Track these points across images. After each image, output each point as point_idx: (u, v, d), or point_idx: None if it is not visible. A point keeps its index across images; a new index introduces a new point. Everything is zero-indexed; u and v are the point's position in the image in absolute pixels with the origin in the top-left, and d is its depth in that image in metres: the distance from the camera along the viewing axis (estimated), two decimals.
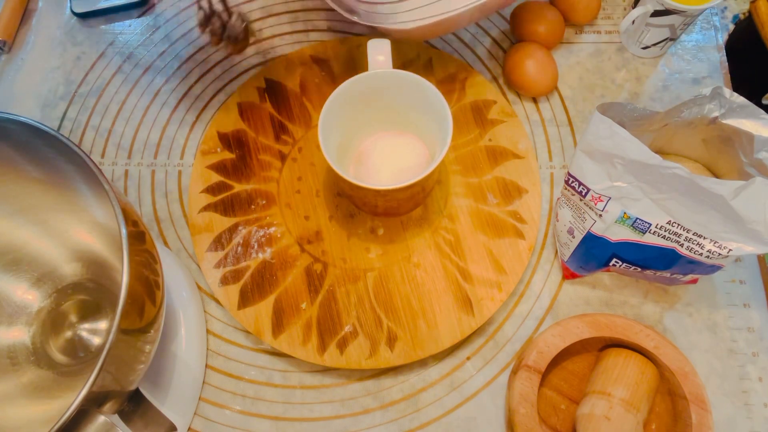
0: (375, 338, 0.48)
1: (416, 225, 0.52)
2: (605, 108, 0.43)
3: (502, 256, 0.50)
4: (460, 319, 0.48)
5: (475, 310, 0.49)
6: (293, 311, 0.49)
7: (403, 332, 0.48)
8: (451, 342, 0.48)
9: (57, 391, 0.45)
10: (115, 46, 0.63)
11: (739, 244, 0.40)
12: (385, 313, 0.49)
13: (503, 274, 0.50)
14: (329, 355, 0.48)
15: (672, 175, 0.39)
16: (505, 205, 0.52)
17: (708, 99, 0.44)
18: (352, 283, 0.50)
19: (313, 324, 0.49)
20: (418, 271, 0.50)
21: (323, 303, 0.49)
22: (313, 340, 0.48)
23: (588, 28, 0.62)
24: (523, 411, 0.44)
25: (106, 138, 0.59)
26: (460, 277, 0.50)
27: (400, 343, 0.48)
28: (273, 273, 0.50)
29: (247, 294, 0.50)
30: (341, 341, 0.48)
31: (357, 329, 0.48)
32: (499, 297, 0.49)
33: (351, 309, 0.49)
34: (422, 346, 0.48)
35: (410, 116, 0.50)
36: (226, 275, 0.50)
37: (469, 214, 0.52)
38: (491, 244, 0.51)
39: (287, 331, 0.48)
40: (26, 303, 0.48)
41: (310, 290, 0.50)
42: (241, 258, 0.51)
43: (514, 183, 0.53)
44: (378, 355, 0.48)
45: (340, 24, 0.62)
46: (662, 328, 0.50)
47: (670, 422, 0.46)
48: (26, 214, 0.47)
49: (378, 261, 0.51)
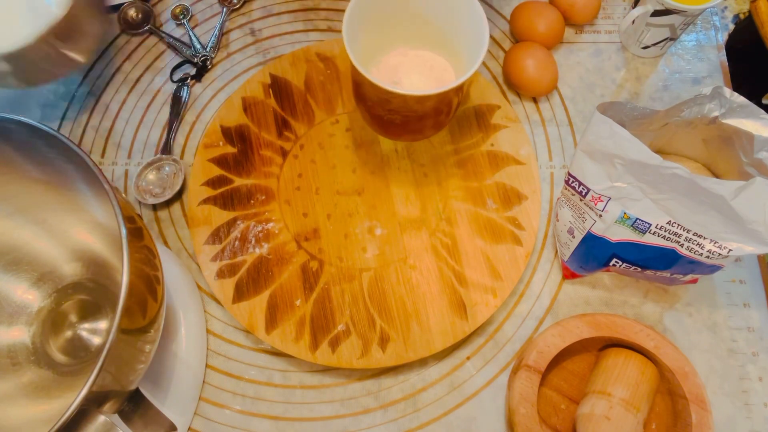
0: (367, 338, 0.48)
1: (414, 227, 0.52)
2: (605, 107, 0.43)
3: (499, 261, 0.50)
4: (454, 323, 0.48)
5: (469, 314, 0.48)
6: (287, 307, 0.49)
7: (396, 333, 0.48)
8: (443, 345, 0.48)
9: (57, 391, 0.45)
10: (115, 46, 0.63)
11: (739, 244, 0.40)
12: (379, 313, 0.49)
13: (499, 280, 0.49)
14: (321, 353, 0.48)
15: (672, 175, 0.39)
16: (504, 210, 0.52)
17: (708, 99, 0.44)
18: (347, 282, 0.50)
19: (307, 321, 0.49)
20: (414, 273, 0.50)
21: (317, 301, 0.49)
22: (306, 337, 0.48)
23: (588, 28, 0.62)
24: (523, 411, 0.44)
25: (106, 138, 0.59)
26: (456, 281, 0.50)
27: (392, 345, 0.48)
28: (269, 268, 0.51)
29: (242, 288, 0.50)
30: (333, 340, 0.48)
31: (350, 328, 0.49)
32: (494, 303, 0.49)
33: (345, 308, 0.49)
34: (414, 349, 0.48)
35: (439, 32, 0.47)
36: (222, 269, 0.50)
37: (468, 218, 0.52)
38: (488, 249, 0.51)
39: (280, 327, 0.48)
40: (26, 303, 0.48)
41: (305, 287, 0.50)
42: (238, 252, 0.51)
43: (514, 189, 0.52)
44: (370, 356, 0.48)
45: (340, 24, 0.62)
46: (662, 328, 0.50)
47: (670, 422, 0.46)
48: (26, 214, 0.47)
49: (374, 261, 0.51)
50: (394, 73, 0.49)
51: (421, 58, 0.50)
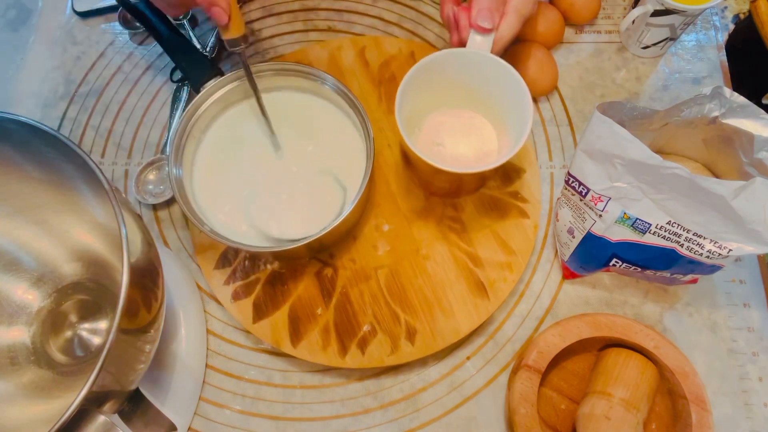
0: (394, 334, 0.48)
1: (420, 218, 0.52)
2: (605, 107, 0.43)
3: (509, 237, 0.50)
4: (476, 304, 0.49)
5: (490, 293, 0.49)
6: (309, 318, 0.49)
7: (422, 325, 0.48)
8: (470, 328, 0.48)
9: (57, 391, 0.45)
10: (115, 46, 0.63)
11: (739, 244, 0.40)
12: (401, 308, 0.49)
13: (512, 255, 0.50)
14: (351, 356, 0.48)
15: (672, 175, 0.39)
16: (506, 186, 0.52)
17: (708, 98, 0.44)
18: (364, 283, 0.50)
19: (331, 328, 0.49)
20: (428, 262, 0.50)
21: (338, 306, 0.49)
22: (333, 344, 0.48)
23: (588, 27, 0.62)
24: (523, 411, 0.44)
25: (106, 138, 0.59)
26: (470, 262, 0.50)
27: (420, 336, 0.48)
28: (284, 282, 0.50)
29: (260, 307, 0.49)
30: (361, 341, 0.48)
31: (375, 328, 0.48)
32: (512, 277, 0.49)
33: (367, 308, 0.49)
34: (442, 336, 0.48)
35: (479, 94, 0.49)
36: (237, 290, 0.50)
37: (472, 200, 0.52)
38: (497, 226, 0.51)
39: (306, 339, 0.48)
40: (26, 303, 0.48)
41: (324, 295, 0.50)
42: (249, 271, 0.51)
43: (511, 164, 0.53)
44: (400, 351, 0.48)
45: (340, 24, 0.62)
46: (662, 328, 0.50)
47: (670, 422, 0.46)
48: (26, 214, 0.47)
49: (387, 257, 0.51)
50: (436, 134, 0.50)
51: (462, 118, 0.51)
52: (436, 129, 0.51)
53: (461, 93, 0.49)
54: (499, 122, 0.50)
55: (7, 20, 0.65)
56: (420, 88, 0.47)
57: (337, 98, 0.50)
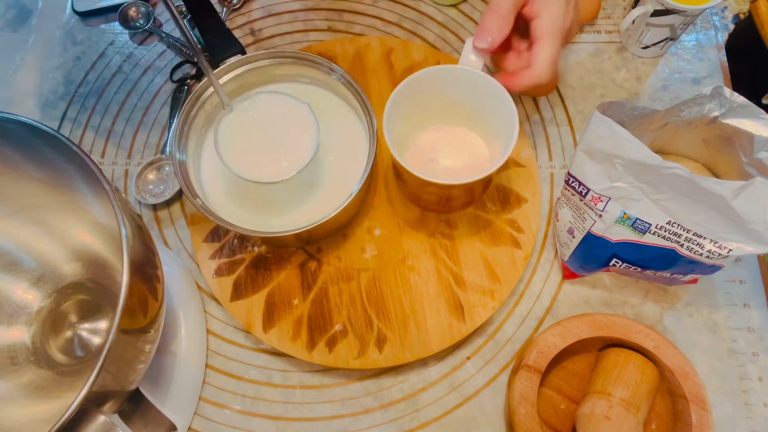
0: (365, 339, 0.48)
1: (412, 228, 0.52)
2: (605, 107, 0.43)
3: (498, 264, 0.50)
4: (451, 324, 0.48)
5: (467, 316, 0.48)
6: (285, 306, 0.49)
7: (393, 334, 0.48)
8: (440, 347, 0.48)
9: (57, 390, 0.45)
10: (115, 46, 0.63)
11: (739, 244, 0.40)
12: (376, 314, 0.49)
13: (497, 283, 0.49)
14: (318, 352, 0.48)
15: (672, 175, 0.39)
16: (504, 213, 0.52)
17: (708, 98, 0.44)
18: (345, 282, 0.50)
19: (304, 321, 0.49)
20: (412, 274, 0.50)
21: (315, 300, 0.49)
22: (303, 336, 0.48)
23: (588, 28, 0.62)
24: (523, 411, 0.44)
25: (106, 138, 0.59)
26: (454, 282, 0.50)
27: (389, 345, 0.48)
28: (267, 267, 0.51)
29: (240, 287, 0.50)
30: (331, 339, 0.48)
31: (347, 328, 0.49)
32: (492, 305, 0.49)
33: (343, 308, 0.49)
34: (411, 349, 0.48)
35: (470, 111, 0.49)
36: (221, 266, 0.51)
37: (467, 220, 0.52)
38: (487, 251, 0.51)
39: (278, 326, 0.49)
40: (26, 303, 0.48)
41: (303, 287, 0.50)
42: (236, 250, 0.51)
43: (514, 191, 0.52)
44: (366, 356, 0.48)
45: (340, 24, 0.62)
46: (662, 328, 0.50)
47: (670, 422, 0.46)
48: (26, 214, 0.47)
49: (373, 261, 0.51)
50: (429, 150, 0.51)
51: (455, 134, 0.52)
52: (430, 145, 0.51)
53: (455, 110, 0.50)
54: (490, 140, 0.50)
55: (6, 20, 0.65)
56: (414, 103, 0.47)
57: (345, 91, 0.50)
